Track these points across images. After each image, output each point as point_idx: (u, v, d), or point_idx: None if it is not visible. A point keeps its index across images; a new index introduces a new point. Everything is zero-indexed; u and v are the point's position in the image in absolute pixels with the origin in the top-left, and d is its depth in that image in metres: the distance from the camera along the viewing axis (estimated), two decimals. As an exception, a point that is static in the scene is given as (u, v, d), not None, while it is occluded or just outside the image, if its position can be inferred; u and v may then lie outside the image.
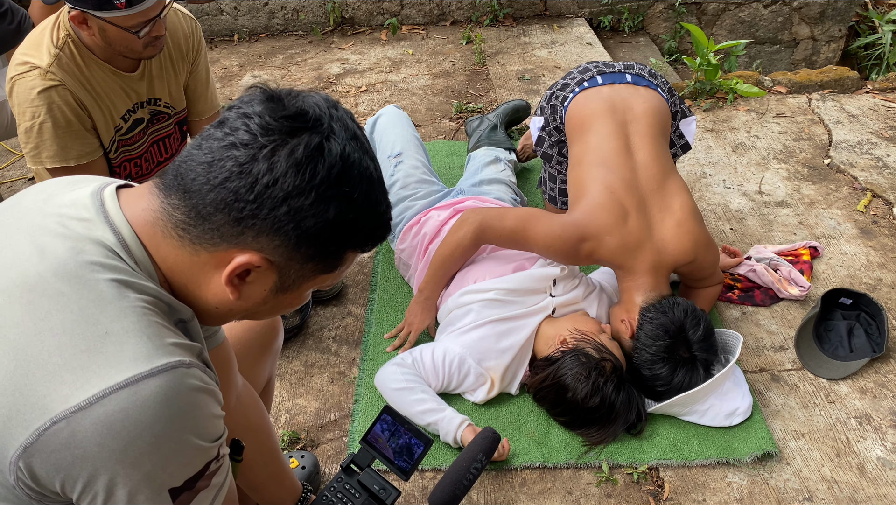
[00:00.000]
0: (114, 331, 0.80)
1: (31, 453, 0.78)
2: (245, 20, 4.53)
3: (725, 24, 4.65)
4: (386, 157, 2.53)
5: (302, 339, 2.29)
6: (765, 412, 2.00)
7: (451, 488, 1.24)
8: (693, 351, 1.91)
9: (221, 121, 0.86)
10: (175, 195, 0.85)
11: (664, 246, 2.00)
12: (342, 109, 0.89)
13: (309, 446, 1.95)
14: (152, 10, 1.85)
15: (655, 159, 2.08)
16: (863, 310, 2.25)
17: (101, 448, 0.77)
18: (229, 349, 1.26)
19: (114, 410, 0.77)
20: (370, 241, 0.92)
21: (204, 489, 0.88)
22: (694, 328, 1.90)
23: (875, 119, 3.36)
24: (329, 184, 0.84)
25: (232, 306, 0.91)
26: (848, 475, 1.85)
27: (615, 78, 2.25)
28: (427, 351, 2.01)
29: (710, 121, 3.38)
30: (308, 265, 0.89)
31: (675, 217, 2.01)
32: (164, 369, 0.81)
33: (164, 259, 0.88)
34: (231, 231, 0.84)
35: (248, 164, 0.82)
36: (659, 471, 1.87)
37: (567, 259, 2.06)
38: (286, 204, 0.82)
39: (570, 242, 1.99)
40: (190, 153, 0.86)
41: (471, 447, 1.28)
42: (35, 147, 1.94)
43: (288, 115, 0.84)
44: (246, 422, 1.34)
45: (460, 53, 4.21)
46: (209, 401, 0.86)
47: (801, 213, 2.77)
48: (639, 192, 2.03)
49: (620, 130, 2.12)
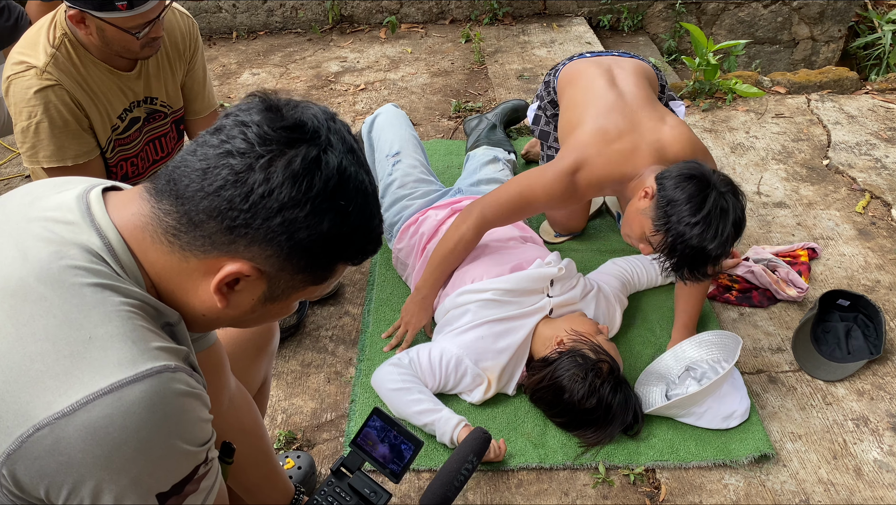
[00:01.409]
0: (98, 336, 0.80)
1: (15, 460, 0.77)
2: (244, 18, 4.52)
3: (725, 23, 4.64)
4: (384, 157, 2.52)
5: (299, 338, 2.28)
6: (762, 414, 2.00)
7: (443, 490, 1.24)
8: (719, 188, 1.80)
9: (218, 128, 0.85)
10: (167, 200, 0.85)
11: (662, 144, 2.01)
12: (339, 122, 0.89)
13: (305, 446, 1.95)
14: (152, 11, 1.84)
15: (640, 87, 2.16)
16: (861, 311, 2.25)
17: (86, 455, 0.77)
18: (221, 351, 1.25)
19: (98, 417, 0.76)
20: (361, 254, 0.92)
21: (192, 493, 0.88)
22: (713, 172, 1.84)
23: (874, 120, 3.36)
24: (325, 197, 0.83)
25: (219, 314, 0.91)
26: (845, 477, 1.85)
27: (604, 54, 2.41)
28: (424, 351, 2.00)
29: (708, 121, 3.37)
30: (298, 276, 0.89)
31: (669, 124, 2.05)
32: (148, 374, 0.80)
33: (152, 264, 0.87)
34: (223, 239, 0.83)
35: (244, 174, 0.81)
36: (655, 472, 1.87)
37: (572, 199, 2.08)
38: (281, 215, 0.82)
39: (566, 181, 2.01)
40: (184, 159, 0.85)
41: (462, 448, 1.28)
42: (32, 147, 1.93)
43: (286, 125, 0.83)
44: (239, 424, 1.34)
45: (459, 52, 4.21)
46: (196, 405, 0.86)
47: (799, 214, 2.77)
48: (627, 109, 2.08)
49: (607, 74, 2.23)
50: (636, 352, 2.18)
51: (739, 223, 1.82)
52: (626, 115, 2.06)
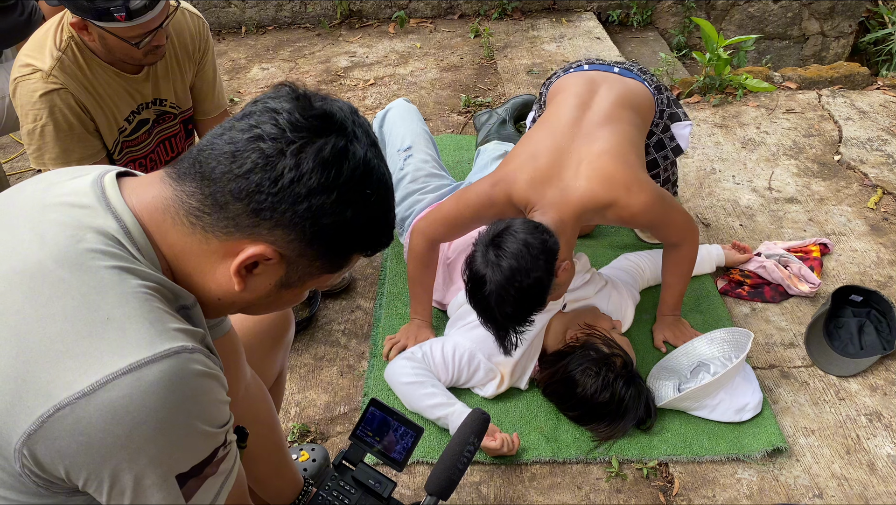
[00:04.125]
0: (115, 317, 0.80)
1: (36, 441, 0.78)
2: (253, 12, 4.52)
3: (735, 19, 4.63)
4: (395, 151, 2.52)
5: (311, 332, 2.29)
6: (775, 409, 2.00)
7: (447, 474, 1.24)
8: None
9: (246, 113, 0.87)
10: (191, 183, 0.86)
11: (571, 184, 1.85)
12: (362, 117, 0.92)
13: (318, 439, 1.96)
14: (152, 22, 1.83)
15: (608, 117, 1.98)
16: (873, 307, 2.24)
17: (106, 434, 0.77)
18: (236, 339, 1.26)
19: (118, 396, 0.77)
20: (376, 245, 0.94)
21: (212, 476, 0.88)
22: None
23: (885, 115, 3.34)
24: (352, 185, 0.86)
25: (235, 298, 0.92)
26: (858, 472, 1.85)
27: (602, 68, 2.21)
28: (437, 345, 2.01)
29: (719, 116, 3.36)
30: (316, 263, 0.90)
31: (590, 157, 1.87)
32: (167, 355, 0.80)
33: (171, 246, 0.88)
34: (247, 222, 0.85)
35: (275, 158, 0.83)
36: (668, 466, 1.87)
37: (491, 211, 1.95)
38: (308, 200, 0.84)
39: (485, 193, 1.94)
40: (211, 142, 0.86)
41: (461, 431, 1.28)
42: (38, 149, 1.95)
43: (316, 114, 0.85)
44: (253, 414, 1.34)
45: (468, 47, 4.20)
46: (214, 386, 0.86)
47: (810, 209, 2.76)
48: (566, 138, 1.93)
49: (587, 93, 2.07)
50: (649, 346, 2.18)
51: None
52: (566, 139, 1.93)
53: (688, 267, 2.10)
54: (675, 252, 2.08)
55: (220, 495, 0.91)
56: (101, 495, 0.82)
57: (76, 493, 0.84)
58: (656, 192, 1.90)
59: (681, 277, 2.12)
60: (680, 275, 2.11)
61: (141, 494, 0.82)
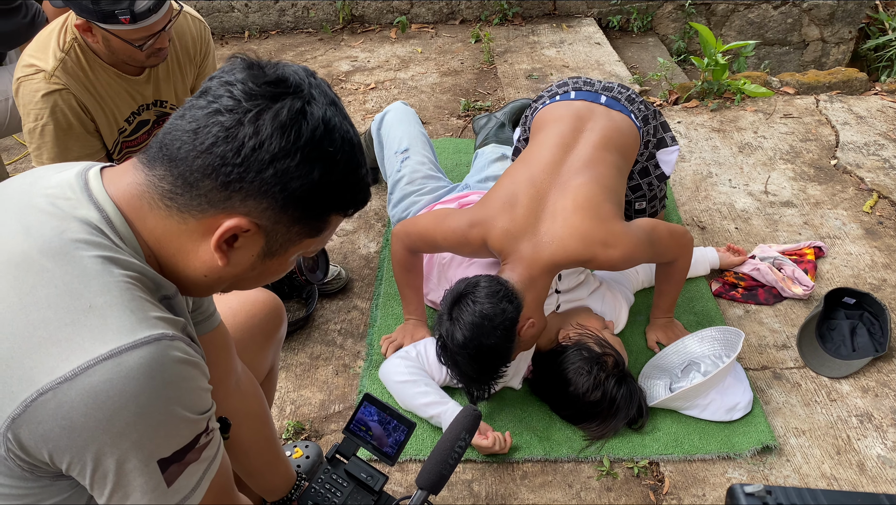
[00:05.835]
0: (97, 305, 0.82)
1: (20, 424, 0.80)
2: (256, 17, 4.56)
3: (734, 24, 4.65)
4: (393, 153, 2.55)
5: (308, 331, 2.31)
6: (766, 409, 2.01)
7: (438, 469, 1.25)
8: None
9: (204, 90, 0.88)
10: (161, 166, 0.87)
11: (543, 240, 1.85)
12: (319, 79, 0.92)
13: (313, 437, 1.98)
14: (156, 25, 1.87)
15: (587, 162, 1.96)
16: (866, 310, 2.25)
17: (88, 418, 0.79)
18: (226, 333, 1.28)
19: (98, 381, 0.79)
20: (352, 204, 0.94)
21: (194, 462, 0.90)
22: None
23: (883, 120, 3.36)
24: (313, 145, 0.86)
25: (221, 274, 0.93)
26: (848, 473, 1.86)
27: (590, 97, 2.17)
28: (431, 345, 2.02)
29: (717, 121, 3.38)
30: (294, 228, 0.91)
31: (564, 213, 1.87)
32: (147, 341, 0.82)
33: (151, 231, 0.90)
34: (218, 196, 0.86)
35: (234, 129, 0.84)
36: (659, 465, 1.88)
37: (466, 249, 1.99)
38: (273, 166, 0.85)
39: (461, 231, 1.94)
40: (174, 124, 0.88)
41: (453, 426, 1.29)
42: (38, 147, 1.98)
43: (269, 80, 0.86)
44: (245, 408, 1.36)
45: (469, 52, 4.23)
46: (194, 373, 0.88)
47: (806, 213, 2.78)
48: (544, 185, 1.92)
49: (571, 136, 2.04)
50: (642, 347, 2.20)
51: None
52: (545, 185, 1.92)
53: (681, 276, 2.12)
54: (668, 265, 2.10)
55: (203, 482, 0.93)
56: (85, 479, 0.84)
57: (61, 476, 0.86)
58: (633, 240, 1.88)
59: (674, 285, 2.14)
60: (673, 283, 2.14)
61: (123, 477, 0.83)
